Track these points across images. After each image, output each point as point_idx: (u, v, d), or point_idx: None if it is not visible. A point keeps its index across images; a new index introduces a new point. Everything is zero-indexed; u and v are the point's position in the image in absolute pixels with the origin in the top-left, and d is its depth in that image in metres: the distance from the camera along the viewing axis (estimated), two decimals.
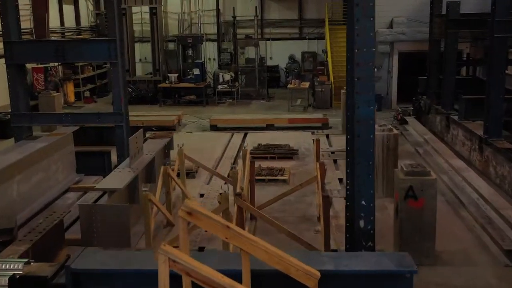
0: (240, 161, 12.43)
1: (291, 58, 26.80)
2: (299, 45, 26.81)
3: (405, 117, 16.42)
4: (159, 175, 9.32)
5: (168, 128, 17.19)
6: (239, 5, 26.45)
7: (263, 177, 11.82)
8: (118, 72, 12.35)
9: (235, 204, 7.55)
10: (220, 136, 16.38)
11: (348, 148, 6.26)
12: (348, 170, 6.36)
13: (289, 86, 20.85)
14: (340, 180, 12.00)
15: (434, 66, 15.33)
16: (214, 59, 27.00)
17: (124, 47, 22.41)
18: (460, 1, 13.57)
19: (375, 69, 18.93)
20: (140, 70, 26.92)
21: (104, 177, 12.46)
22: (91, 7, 26.64)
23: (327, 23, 24.07)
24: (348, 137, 6.28)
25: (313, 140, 15.39)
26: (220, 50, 25.86)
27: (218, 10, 26.03)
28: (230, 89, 22.24)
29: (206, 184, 11.83)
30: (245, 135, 16.59)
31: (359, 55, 5.79)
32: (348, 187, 6.39)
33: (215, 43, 26.42)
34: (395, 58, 20.14)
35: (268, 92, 23.78)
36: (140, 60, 27.18)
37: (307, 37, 26.90)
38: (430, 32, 15.44)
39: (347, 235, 6.39)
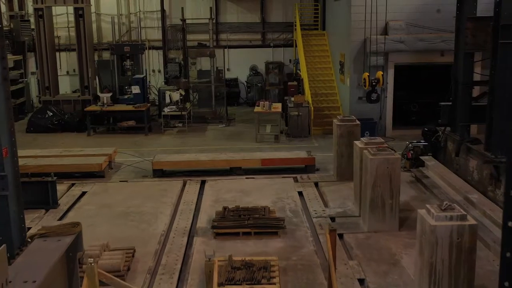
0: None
1: (253, 69, 22.53)
2: (262, 54, 22.66)
3: (421, 157, 12.00)
4: None
5: (93, 175, 12.34)
6: (189, 5, 21.95)
7: (238, 285, 7.12)
8: None
9: None
10: (166, 187, 11.65)
11: None
12: None
13: (256, 109, 16.14)
14: (361, 281, 7.48)
15: (464, 89, 11.00)
16: (159, 71, 22.51)
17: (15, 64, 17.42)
18: None
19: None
20: (68, 86, 22.06)
21: None
22: (3, 8, 21.24)
23: (298, 27, 19.63)
24: None
25: (325, 232, 10.49)
26: (166, 61, 21.35)
27: (163, 11, 21.77)
28: (179, 112, 17.39)
29: None
30: (203, 183, 11.93)
31: None
32: None
33: (160, 52, 21.87)
34: (391, 72, 15.79)
35: (227, 113, 19.14)
36: (67, 73, 22.41)
37: (271, 44, 22.63)
38: (456, 42, 11.17)
39: None
